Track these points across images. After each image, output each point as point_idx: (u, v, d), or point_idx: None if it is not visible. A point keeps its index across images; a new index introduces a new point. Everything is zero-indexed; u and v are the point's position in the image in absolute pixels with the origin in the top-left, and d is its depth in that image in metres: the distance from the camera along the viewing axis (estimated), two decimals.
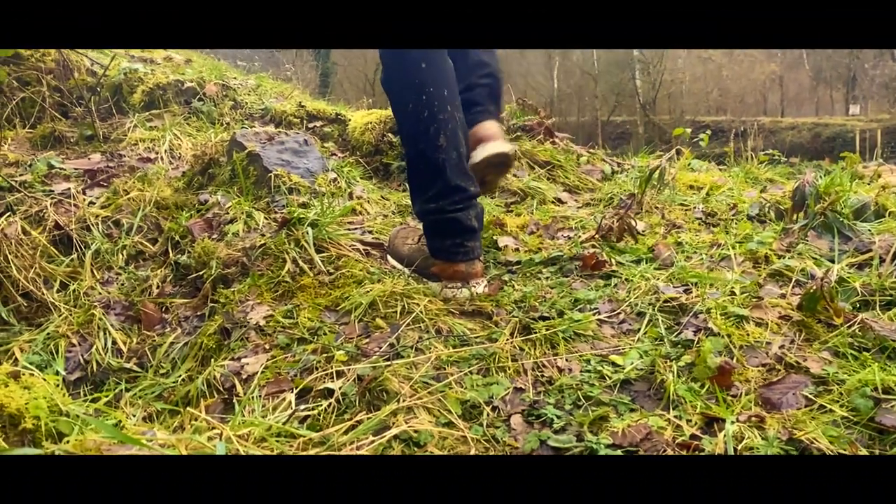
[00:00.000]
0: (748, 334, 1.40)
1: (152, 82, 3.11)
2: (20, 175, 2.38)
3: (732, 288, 1.58)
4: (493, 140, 1.83)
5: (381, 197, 2.58)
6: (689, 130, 3.14)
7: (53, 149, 2.75)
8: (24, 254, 1.93)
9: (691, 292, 1.59)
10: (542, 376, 1.35)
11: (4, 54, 2.87)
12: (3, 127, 2.74)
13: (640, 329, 1.49)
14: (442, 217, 1.69)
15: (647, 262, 1.80)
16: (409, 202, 2.42)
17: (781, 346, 1.36)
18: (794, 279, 1.63)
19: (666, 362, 1.33)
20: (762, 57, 25.17)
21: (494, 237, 2.02)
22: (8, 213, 2.04)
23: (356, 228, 2.10)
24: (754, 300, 1.52)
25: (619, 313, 1.56)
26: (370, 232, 2.09)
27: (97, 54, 3.57)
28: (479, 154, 1.83)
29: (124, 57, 3.91)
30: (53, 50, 3.21)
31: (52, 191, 2.27)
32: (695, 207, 2.25)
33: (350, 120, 3.07)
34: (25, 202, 2.17)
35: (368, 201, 2.40)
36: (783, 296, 1.56)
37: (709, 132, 3.21)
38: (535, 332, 1.47)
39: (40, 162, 2.46)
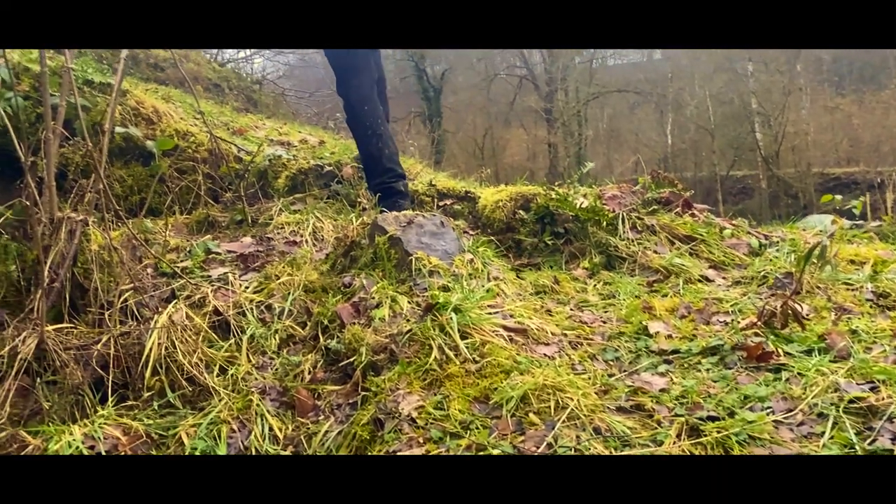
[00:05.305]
0: None
1: (295, 168, 3.30)
2: (181, 261, 2.57)
3: None
4: None
5: (517, 276, 2.57)
6: (839, 197, 2.94)
7: (208, 233, 2.95)
8: (188, 339, 2.05)
9: (880, 391, 1.44)
10: None
11: (165, 147, 3.13)
12: (165, 214, 2.98)
13: (823, 433, 1.36)
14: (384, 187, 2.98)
15: (819, 354, 1.65)
16: (545, 281, 2.46)
17: None
18: None
19: None
20: None
21: (643, 322, 1.94)
22: (175, 301, 2.18)
23: (496, 312, 2.08)
24: None
25: (797, 413, 1.44)
26: (511, 316, 2.06)
27: (243, 142, 3.85)
28: None
29: (266, 141, 4.19)
30: (206, 140, 3.50)
31: (211, 276, 2.42)
32: (863, 287, 2.06)
33: (480, 197, 3.11)
34: (187, 288, 2.32)
35: (505, 281, 2.39)
36: None
37: (862, 198, 2.99)
38: (705, 434, 1.37)
39: (199, 247, 2.65)
